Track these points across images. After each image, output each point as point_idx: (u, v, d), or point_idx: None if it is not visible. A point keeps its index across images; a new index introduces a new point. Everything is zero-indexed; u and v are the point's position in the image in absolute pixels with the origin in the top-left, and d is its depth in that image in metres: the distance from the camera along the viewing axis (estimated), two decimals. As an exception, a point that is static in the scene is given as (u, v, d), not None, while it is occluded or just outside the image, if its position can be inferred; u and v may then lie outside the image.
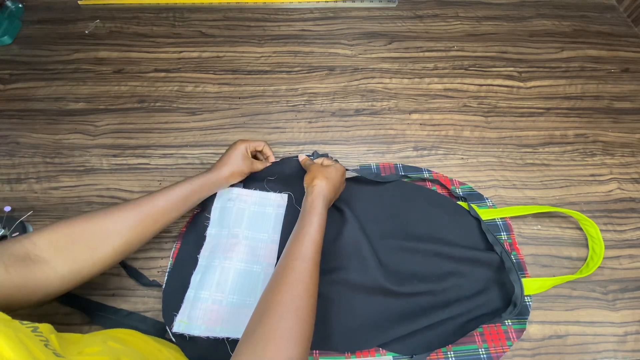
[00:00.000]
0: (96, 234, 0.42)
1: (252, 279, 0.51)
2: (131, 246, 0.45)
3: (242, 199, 0.57)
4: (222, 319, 0.48)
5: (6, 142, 0.66)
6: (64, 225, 0.41)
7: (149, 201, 0.47)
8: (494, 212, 0.59)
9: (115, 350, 0.33)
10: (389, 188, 0.61)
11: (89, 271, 0.41)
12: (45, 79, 0.75)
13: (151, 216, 0.46)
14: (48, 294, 0.39)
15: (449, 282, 0.53)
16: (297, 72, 0.76)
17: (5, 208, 0.55)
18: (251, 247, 0.53)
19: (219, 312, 0.48)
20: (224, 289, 0.49)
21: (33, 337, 0.28)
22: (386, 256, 0.55)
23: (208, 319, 0.47)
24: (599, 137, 0.69)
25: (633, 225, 0.60)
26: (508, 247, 0.57)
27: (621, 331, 0.52)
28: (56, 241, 0.40)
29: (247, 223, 0.55)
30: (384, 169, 0.64)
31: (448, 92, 0.74)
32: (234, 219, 0.55)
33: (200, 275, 0.51)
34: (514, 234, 0.58)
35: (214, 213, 0.56)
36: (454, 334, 0.49)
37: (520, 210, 0.59)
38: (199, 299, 0.48)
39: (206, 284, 0.49)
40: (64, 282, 0.40)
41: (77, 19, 0.84)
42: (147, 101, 0.72)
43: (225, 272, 0.50)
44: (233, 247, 0.52)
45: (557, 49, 0.81)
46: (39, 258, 0.38)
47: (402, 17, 0.86)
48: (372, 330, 0.50)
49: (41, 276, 0.38)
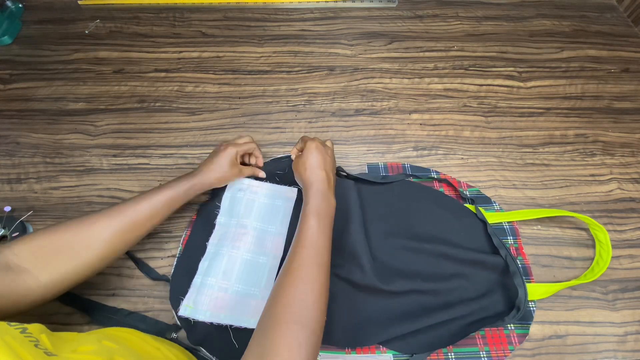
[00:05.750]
0: (78, 242, 0.42)
1: (258, 270, 0.52)
2: (115, 253, 0.44)
3: (252, 189, 0.58)
4: (226, 307, 0.49)
5: (6, 142, 0.66)
6: (45, 234, 0.41)
7: (132, 206, 0.46)
8: (501, 216, 0.59)
9: (109, 349, 0.33)
10: (396, 187, 0.61)
11: (72, 279, 0.41)
12: (45, 79, 0.75)
13: (135, 222, 0.45)
14: (32, 302, 0.39)
15: (453, 284, 0.53)
16: (297, 72, 0.76)
17: (5, 208, 0.55)
18: (259, 239, 0.54)
19: (224, 299, 0.49)
20: (230, 278, 0.50)
21: (22, 339, 0.28)
22: (390, 255, 0.55)
23: (213, 306, 0.48)
24: (599, 137, 0.69)
25: (633, 225, 0.60)
26: (514, 251, 0.56)
27: (621, 331, 0.52)
28: (37, 251, 0.40)
29: (256, 214, 0.56)
30: (392, 168, 0.64)
31: (448, 92, 0.74)
32: (244, 209, 0.56)
33: (208, 262, 0.52)
34: (521, 239, 0.58)
35: (224, 202, 0.57)
36: (456, 335, 0.49)
37: (529, 214, 0.59)
38: (206, 286, 0.50)
39: (213, 271, 0.51)
40: (47, 291, 0.39)
41: (77, 19, 0.84)
42: (147, 101, 0.72)
43: (232, 261, 0.51)
44: (241, 237, 0.53)
45: (557, 49, 0.81)
46: (20, 268, 0.38)
47: (402, 17, 0.86)
48: (373, 327, 0.50)
49: (23, 286, 0.38)
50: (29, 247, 0.39)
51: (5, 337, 0.26)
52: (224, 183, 0.55)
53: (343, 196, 0.57)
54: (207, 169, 0.53)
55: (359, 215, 0.55)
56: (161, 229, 0.57)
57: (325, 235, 0.45)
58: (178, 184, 0.50)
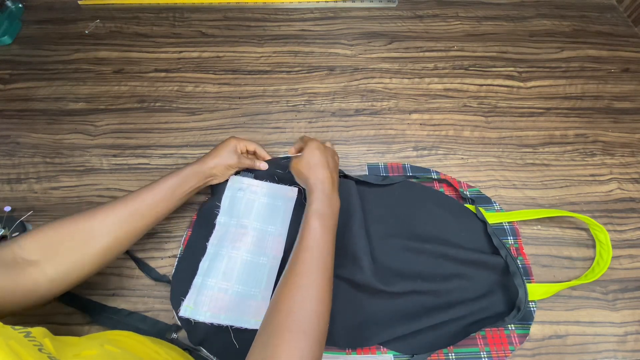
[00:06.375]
0: (83, 234, 0.42)
1: (258, 271, 0.52)
2: (120, 245, 0.44)
3: (252, 189, 0.57)
4: (226, 307, 0.49)
5: (6, 142, 0.66)
6: (51, 227, 0.41)
7: (135, 197, 0.46)
8: (501, 216, 0.59)
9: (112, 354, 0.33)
10: (396, 188, 0.61)
11: (78, 273, 0.41)
12: (45, 79, 0.75)
13: (139, 212, 0.46)
14: (39, 298, 0.39)
15: (453, 284, 0.53)
16: (297, 72, 0.76)
17: (5, 208, 0.55)
18: (259, 239, 0.54)
19: (224, 300, 0.49)
20: (230, 278, 0.50)
21: (26, 343, 0.28)
22: (391, 256, 0.55)
23: (213, 306, 0.48)
24: (599, 137, 0.69)
25: (633, 225, 0.60)
26: (514, 251, 0.56)
27: (621, 331, 0.52)
28: (43, 243, 0.40)
29: (256, 214, 0.56)
30: (392, 168, 0.64)
31: (448, 92, 0.74)
32: (244, 209, 0.56)
33: (209, 262, 0.52)
34: (521, 239, 0.58)
35: (224, 201, 0.56)
36: (456, 336, 0.49)
37: (529, 214, 0.59)
38: (206, 286, 0.50)
39: (213, 272, 0.51)
40: (53, 286, 0.40)
41: (77, 19, 0.84)
42: (147, 101, 0.72)
43: (232, 262, 0.52)
44: (241, 237, 0.53)
45: (557, 49, 0.81)
46: (26, 261, 0.38)
47: (402, 17, 0.86)
48: (374, 327, 0.50)
49: (30, 280, 0.38)
50: (34, 240, 0.40)
51: (10, 342, 0.26)
52: (224, 170, 0.55)
53: (344, 196, 0.57)
54: (206, 156, 0.54)
55: (360, 216, 0.55)
56: (161, 229, 0.57)
57: (329, 237, 0.44)
58: (179, 171, 0.51)
